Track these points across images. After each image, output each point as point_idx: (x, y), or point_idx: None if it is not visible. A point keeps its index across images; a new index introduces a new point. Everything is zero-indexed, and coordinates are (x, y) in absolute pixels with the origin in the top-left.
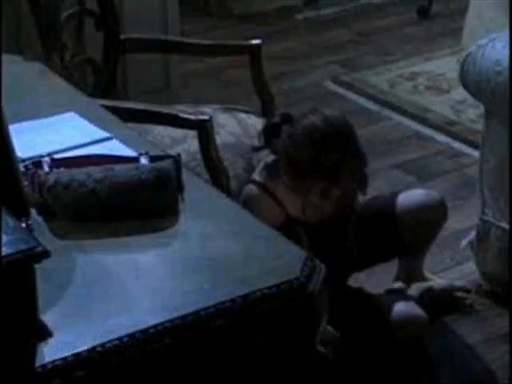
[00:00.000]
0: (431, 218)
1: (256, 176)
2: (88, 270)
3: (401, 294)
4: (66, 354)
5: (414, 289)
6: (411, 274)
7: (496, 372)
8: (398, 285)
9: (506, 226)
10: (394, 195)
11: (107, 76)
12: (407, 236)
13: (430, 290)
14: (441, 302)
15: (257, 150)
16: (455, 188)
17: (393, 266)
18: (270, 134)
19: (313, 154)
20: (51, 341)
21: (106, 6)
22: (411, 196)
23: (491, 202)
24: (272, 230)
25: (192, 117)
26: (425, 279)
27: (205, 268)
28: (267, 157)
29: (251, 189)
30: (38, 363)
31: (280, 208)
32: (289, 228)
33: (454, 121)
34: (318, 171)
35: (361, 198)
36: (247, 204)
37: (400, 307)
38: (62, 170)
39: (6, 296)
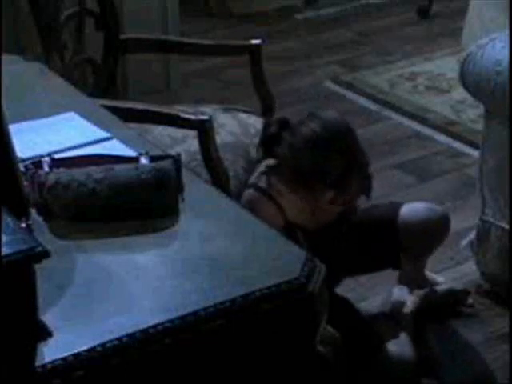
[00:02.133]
0: (434, 232)
1: (256, 179)
2: (88, 269)
3: (392, 324)
4: (66, 354)
5: (416, 295)
6: (413, 279)
7: (496, 372)
8: (398, 296)
9: (506, 225)
10: (397, 206)
11: (107, 76)
12: (408, 247)
13: (431, 294)
14: (442, 306)
15: (257, 162)
16: (455, 188)
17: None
18: (269, 144)
19: (316, 163)
20: (51, 341)
21: (105, 6)
22: (414, 210)
23: (491, 202)
24: (272, 230)
25: (192, 117)
26: (427, 282)
27: (205, 268)
28: (268, 160)
29: (251, 193)
30: (37, 363)
31: (280, 213)
32: (288, 233)
33: (453, 121)
34: (323, 180)
35: (360, 204)
36: (247, 208)
37: (390, 347)
38: (61, 169)
39: (5, 296)
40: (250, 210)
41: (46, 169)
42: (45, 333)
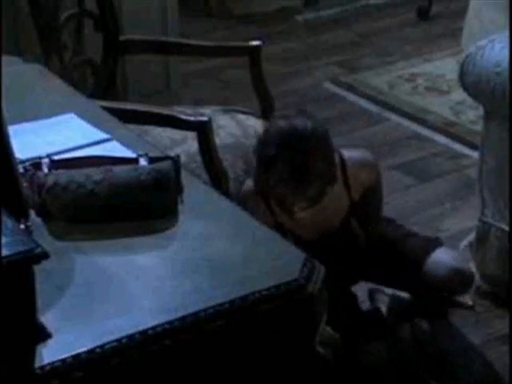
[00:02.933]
0: (456, 288)
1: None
2: (87, 270)
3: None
4: (65, 355)
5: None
6: None
7: (496, 373)
8: (396, 294)
9: (505, 227)
10: (428, 250)
11: (107, 77)
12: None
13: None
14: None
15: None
16: (455, 189)
17: None
18: None
19: (261, 159)
20: (50, 342)
21: (105, 7)
22: (442, 264)
23: (491, 203)
24: (271, 231)
25: (191, 118)
26: None
27: (204, 269)
28: None
29: (247, 185)
30: (36, 364)
31: (269, 213)
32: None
33: (453, 122)
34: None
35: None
36: (241, 199)
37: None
38: (61, 171)
39: (5, 297)
40: (242, 202)
41: (45, 170)
42: (44, 334)
